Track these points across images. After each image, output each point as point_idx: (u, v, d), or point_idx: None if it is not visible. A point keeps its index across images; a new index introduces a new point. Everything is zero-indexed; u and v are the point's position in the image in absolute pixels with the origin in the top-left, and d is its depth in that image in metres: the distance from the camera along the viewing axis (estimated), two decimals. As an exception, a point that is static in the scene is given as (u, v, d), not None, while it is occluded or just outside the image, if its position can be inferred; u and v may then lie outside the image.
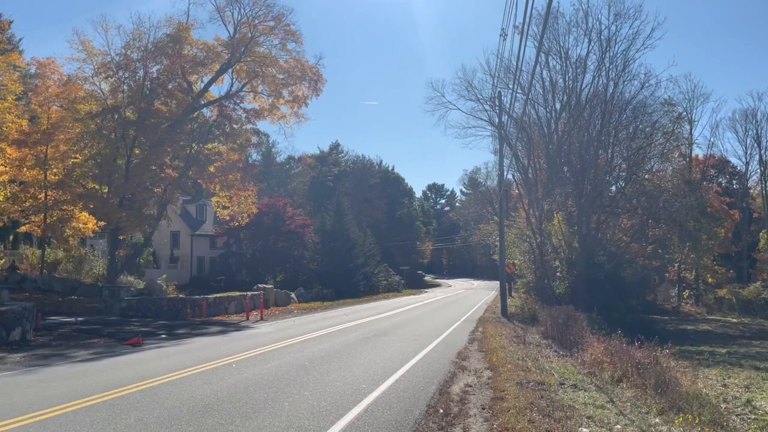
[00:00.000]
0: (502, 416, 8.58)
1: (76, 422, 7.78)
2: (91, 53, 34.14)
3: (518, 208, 47.15)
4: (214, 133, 37.43)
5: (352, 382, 10.85)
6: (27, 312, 18.21)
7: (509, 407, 9.07)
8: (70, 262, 38.79)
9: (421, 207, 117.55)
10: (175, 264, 53.13)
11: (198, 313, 27.63)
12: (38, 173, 34.59)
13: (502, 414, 8.70)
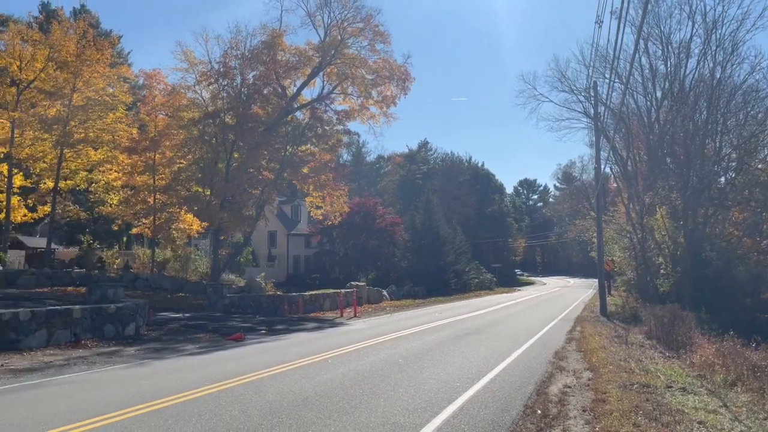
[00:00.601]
0: (604, 419, 8.23)
1: (186, 413, 8.22)
2: (193, 63, 36.06)
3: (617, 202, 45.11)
4: (306, 135, 38.45)
5: (446, 380, 10.80)
6: (140, 308, 19.51)
7: (612, 410, 8.69)
8: (177, 261, 41.18)
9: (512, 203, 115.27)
10: (273, 262, 55.14)
11: (295, 310, 28.51)
12: (147, 178, 36.97)
13: (605, 417, 8.34)
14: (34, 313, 15.66)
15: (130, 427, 7.40)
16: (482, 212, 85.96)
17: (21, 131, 35.28)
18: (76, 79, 35.42)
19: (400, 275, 50.65)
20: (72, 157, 36.92)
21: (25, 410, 8.52)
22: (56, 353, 14.64)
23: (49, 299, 24.06)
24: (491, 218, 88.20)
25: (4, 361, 13.21)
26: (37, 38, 35.68)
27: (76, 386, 10.47)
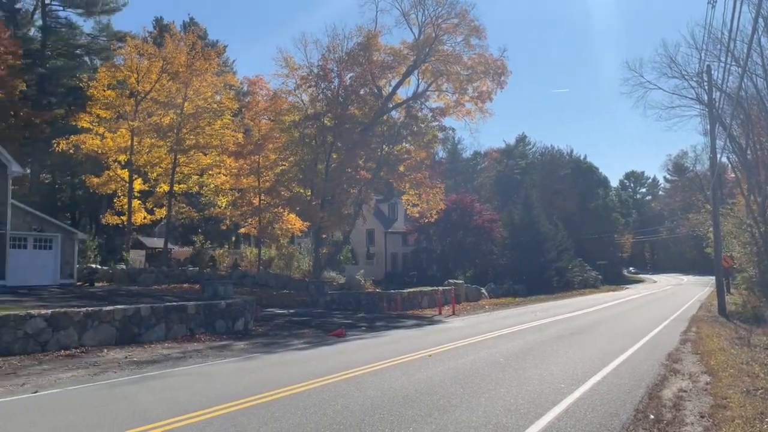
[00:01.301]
0: (725, 426, 7.67)
1: (291, 406, 8.52)
2: (293, 68, 37.31)
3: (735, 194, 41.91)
4: (402, 134, 38.69)
5: (550, 381, 10.49)
6: (248, 305, 20.46)
7: (734, 416, 8.08)
8: (281, 259, 42.82)
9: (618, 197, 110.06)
10: (371, 260, 55.98)
11: (393, 307, 28.78)
12: (253, 181, 38.69)
13: (726, 424, 7.77)
14: (153, 309, 16.83)
15: (240, 419, 7.77)
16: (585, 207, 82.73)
17: (139, 139, 38.05)
18: (187, 89, 37.70)
19: (498, 273, 49.82)
20: (185, 162, 39.35)
21: (150, 399, 9.16)
22: (173, 346, 15.65)
23: (166, 296, 25.77)
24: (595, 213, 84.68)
25: (128, 353, 14.29)
26: (151, 52, 38.30)
27: (192, 378, 11.14)
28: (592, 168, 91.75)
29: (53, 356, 13.38)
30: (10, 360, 12.64)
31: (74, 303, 19.15)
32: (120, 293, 26.20)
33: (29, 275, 28.24)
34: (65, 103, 49.92)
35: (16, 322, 13.46)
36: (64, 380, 10.88)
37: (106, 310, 15.58)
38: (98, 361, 12.99)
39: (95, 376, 11.30)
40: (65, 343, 14.25)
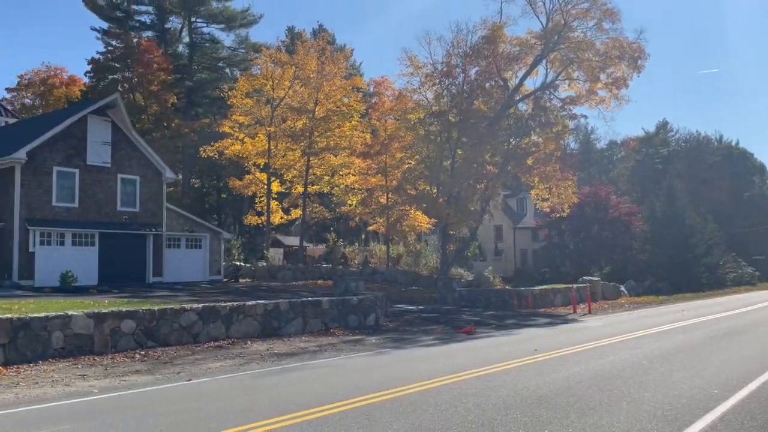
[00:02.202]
0: None
1: (422, 402, 8.56)
2: (417, 66, 37.54)
3: None
4: (529, 126, 37.61)
5: (700, 386, 9.65)
6: (378, 300, 20.91)
7: None
8: (409, 256, 43.34)
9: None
10: (500, 256, 55.02)
11: (524, 305, 28.06)
12: (380, 180, 39.49)
13: None
14: (291, 304, 17.72)
15: (373, 413, 7.93)
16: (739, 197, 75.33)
17: (275, 143, 40.28)
18: (318, 93, 39.29)
19: (638, 269, 46.79)
20: (316, 163, 41.09)
21: (289, 390, 9.64)
22: (310, 340, 16.37)
23: (302, 291, 27.06)
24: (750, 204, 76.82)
25: (269, 345, 15.15)
26: (284, 60, 40.39)
27: (328, 371, 11.58)
28: (746, 154, 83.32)
29: (204, 347, 14.50)
30: (167, 350, 13.88)
31: (221, 298, 20.68)
32: (261, 289, 27.91)
33: (182, 272, 30.90)
34: (210, 112, 54.10)
35: (172, 316, 14.76)
36: (213, 370, 11.75)
37: (249, 305, 16.64)
38: (243, 353, 13.90)
39: (241, 367, 12.09)
40: (214, 335, 15.40)
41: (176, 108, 50.82)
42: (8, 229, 25.34)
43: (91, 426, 7.38)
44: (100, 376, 10.99)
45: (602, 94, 36.42)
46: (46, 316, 12.49)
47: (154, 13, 56.50)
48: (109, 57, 50.41)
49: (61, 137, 26.84)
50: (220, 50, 58.51)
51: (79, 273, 25.57)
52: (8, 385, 9.99)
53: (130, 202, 29.19)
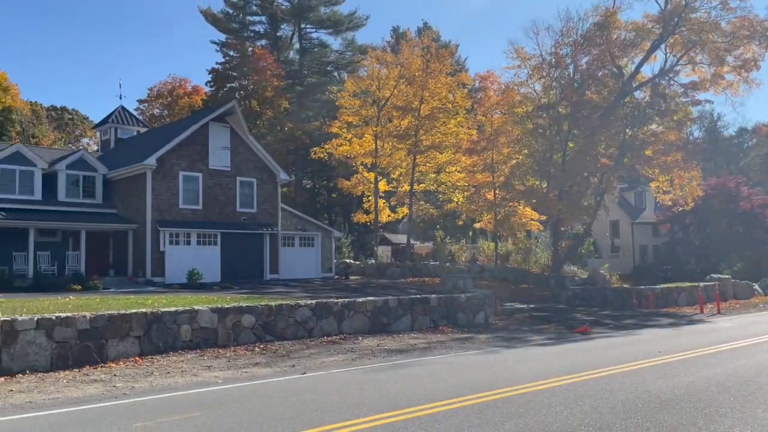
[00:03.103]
0: None
1: (535, 402, 8.34)
2: (524, 58, 36.62)
3: None
4: (647, 115, 35.55)
5: None
6: (487, 298, 20.63)
7: None
8: (518, 253, 42.40)
9: None
10: (617, 253, 52.42)
11: (644, 304, 26.58)
12: (487, 176, 38.92)
13: None
14: (400, 301, 17.92)
15: (484, 411, 7.84)
16: None
17: (382, 143, 40.85)
18: (423, 91, 39.36)
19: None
20: (422, 161, 41.20)
21: (398, 386, 9.76)
22: (418, 337, 16.46)
23: (410, 289, 27.28)
24: None
25: (379, 341, 15.41)
26: (390, 60, 40.87)
27: (437, 368, 11.59)
28: None
29: (318, 342, 15.02)
30: (284, 344, 14.51)
31: (333, 294, 21.31)
32: (370, 286, 28.45)
33: (296, 269, 32.17)
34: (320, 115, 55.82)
35: (288, 311, 15.41)
36: (327, 364, 12.14)
37: (359, 302, 17.02)
38: (354, 348, 14.24)
39: (353, 362, 12.40)
40: (327, 330, 15.90)
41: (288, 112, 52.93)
42: (142, 230, 27.60)
43: (217, 414, 7.87)
44: (224, 367, 11.69)
45: (729, 78, 33.76)
46: (176, 311, 13.47)
47: (267, 23, 59.22)
48: (227, 66, 53.45)
49: (185, 144, 28.83)
50: (329, 54, 60.24)
51: (204, 270, 27.36)
52: (143, 374, 10.89)
53: (248, 204, 30.80)
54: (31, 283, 23.70)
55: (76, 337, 11.60)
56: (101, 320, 12.03)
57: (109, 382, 10.17)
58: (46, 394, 9.25)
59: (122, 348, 12.26)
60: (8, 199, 26.08)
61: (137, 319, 12.63)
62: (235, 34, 57.74)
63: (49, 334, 11.25)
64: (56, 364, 11.22)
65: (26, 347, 10.95)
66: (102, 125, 37.70)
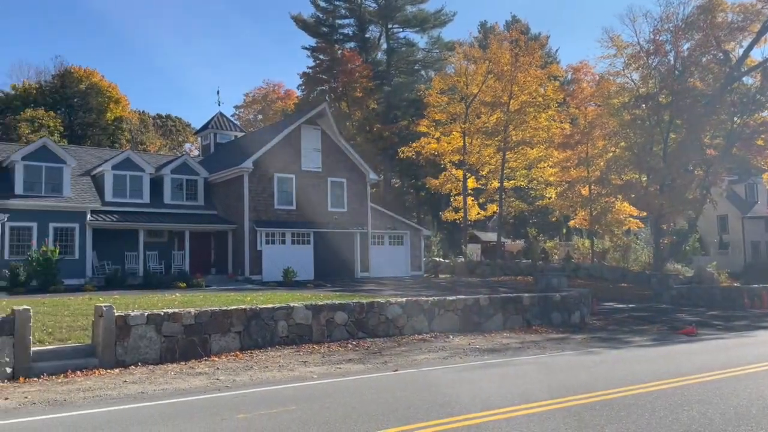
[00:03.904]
0: None
1: (636, 406, 7.95)
2: (620, 47, 35.04)
3: None
4: (759, 102, 33.05)
5: None
6: (583, 297, 19.93)
7: None
8: (616, 251, 40.64)
9: None
10: (725, 250, 49.04)
11: (757, 304, 24.81)
12: (581, 171, 37.60)
13: None
14: (491, 300, 17.66)
15: (582, 414, 7.57)
16: None
17: (470, 140, 40.45)
18: (512, 86, 38.58)
19: None
20: (512, 158, 40.40)
21: (491, 385, 9.62)
22: (511, 336, 16.15)
23: (501, 287, 26.82)
24: None
25: (470, 340, 15.26)
26: (477, 55, 40.40)
27: (531, 368, 11.33)
28: None
29: (408, 339, 15.08)
30: (376, 341, 14.68)
31: (423, 293, 21.33)
32: (460, 284, 28.24)
33: (386, 268, 32.47)
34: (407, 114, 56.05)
35: (379, 309, 15.58)
36: (418, 362, 12.17)
37: (450, 300, 16.92)
38: (445, 346, 14.18)
39: (444, 360, 12.36)
40: (418, 329, 15.93)
41: (376, 113, 53.54)
42: (240, 230, 28.84)
43: (312, 408, 8.09)
44: (318, 363, 12.00)
45: None
46: (273, 307, 13.97)
47: (355, 25, 60.15)
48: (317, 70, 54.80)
49: (279, 147, 29.83)
50: (415, 53, 60.33)
51: (298, 269, 28.20)
52: (244, 368, 11.37)
53: (338, 203, 31.45)
54: (141, 281, 25.39)
55: (182, 331, 12.29)
56: (204, 316, 12.68)
57: (213, 375, 10.70)
58: (157, 385, 9.87)
59: (224, 342, 12.86)
60: (120, 202, 28.06)
61: (237, 315, 13.20)
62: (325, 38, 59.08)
63: (158, 329, 11.99)
64: (164, 357, 11.94)
65: (138, 341, 11.72)
66: (202, 131, 39.74)
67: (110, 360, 11.26)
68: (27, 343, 10.49)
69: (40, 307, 14.22)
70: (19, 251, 24.17)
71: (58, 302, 16.07)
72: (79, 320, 13.24)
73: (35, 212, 25.06)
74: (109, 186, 28.03)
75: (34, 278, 22.11)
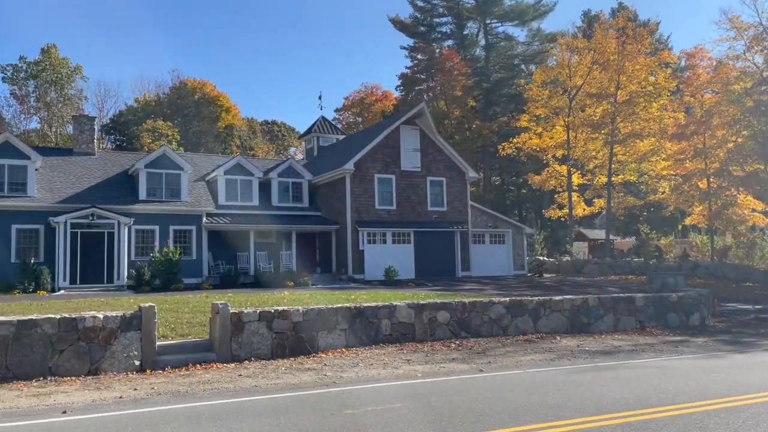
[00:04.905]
0: None
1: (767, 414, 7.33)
2: (741, 28, 32.48)
3: None
4: None
5: None
6: (703, 298, 18.66)
7: None
8: (739, 248, 37.73)
9: None
10: None
11: None
12: (698, 163, 35.24)
13: None
14: (600, 300, 16.93)
15: (706, 422, 7.08)
16: None
17: (574, 134, 38.99)
18: (619, 76, 36.77)
19: None
20: (620, 151, 38.49)
21: (603, 389, 9.22)
22: (623, 338, 15.40)
23: (610, 287, 25.63)
24: None
25: (579, 342, 14.71)
26: (581, 46, 38.84)
27: (647, 372, 10.74)
28: None
29: (513, 340, 14.77)
30: (479, 341, 14.50)
31: (526, 292, 20.82)
32: (566, 284, 27.29)
33: (488, 267, 32.00)
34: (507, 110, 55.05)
35: (482, 308, 15.38)
36: (524, 363, 11.89)
37: (556, 300, 16.40)
38: (552, 348, 13.76)
39: (551, 362, 11.99)
40: (522, 329, 15.57)
41: (475, 110, 52.96)
42: (343, 230, 29.51)
43: (418, 406, 8.12)
44: (422, 361, 12.03)
45: None
46: (376, 306, 14.18)
47: (452, 23, 59.87)
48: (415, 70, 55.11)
49: (379, 148, 30.23)
50: (515, 47, 59.09)
51: (399, 268, 28.44)
52: (350, 365, 11.62)
53: (438, 202, 31.38)
54: (252, 280, 26.63)
55: (291, 328, 12.76)
56: (312, 314, 13.09)
57: (320, 371, 11.02)
58: (269, 380, 10.30)
59: (330, 340, 13.21)
60: (232, 205, 29.57)
61: (343, 313, 13.52)
62: (422, 38, 59.26)
63: (269, 326, 12.52)
64: (275, 352, 12.44)
65: (251, 337, 12.30)
66: (306, 135, 41.06)
67: (226, 354, 11.89)
68: (153, 338, 11.32)
69: (163, 304, 15.26)
70: (144, 252, 26.12)
71: (178, 300, 17.20)
72: (197, 317, 14.10)
73: (157, 216, 26.94)
74: (221, 190, 29.62)
75: (157, 277, 23.81)
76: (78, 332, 10.82)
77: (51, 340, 10.61)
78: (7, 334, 10.35)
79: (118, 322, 11.14)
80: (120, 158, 31.26)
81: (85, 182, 27.47)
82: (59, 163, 28.31)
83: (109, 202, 26.00)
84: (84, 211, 24.45)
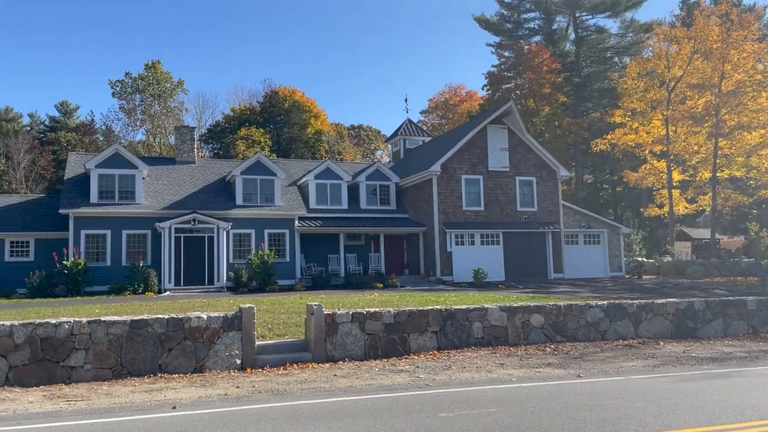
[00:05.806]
0: None
1: None
2: None
3: None
4: None
5: None
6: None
7: None
8: None
9: None
10: None
11: None
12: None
13: None
14: (707, 303, 15.91)
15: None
16: None
17: (674, 128, 36.94)
18: (723, 65, 34.52)
19: None
20: (726, 145, 36.08)
21: (715, 399, 8.65)
22: (733, 344, 14.40)
23: (716, 289, 24.05)
24: None
25: (685, 347, 13.89)
26: (680, 35, 36.75)
27: (764, 380, 9.99)
28: None
29: (612, 345, 14.15)
30: (576, 345, 14.01)
31: (625, 295, 19.93)
32: (667, 286, 25.88)
33: (581, 268, 30.94)
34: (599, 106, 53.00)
35: (578, 312, 14.85)
36: (625, 369, 11.37)
37: (658, 303, 15.57)
38: (655, 354, 13.08)
39: (655, 368, 11.40)
40: (622, 333, 14.89)
41: (565, 106, 51.34)
42: (430, 232, 29.48)
43: (514, 411, 7.95)
44: (516, 365, 11.78)
45: None
46: (467, 308, 14.03)
47: (540, 18, 58.37)
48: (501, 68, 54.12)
49: (465, 148, 29.97)
50: (606, 40, 56.77)
51: (488, 269, 28.06)
52: (442, 368, 11.56)
53: (527, 202, 30.69)
54: (342, 282, 27.15)
55: (383, 330, 12.87)
56: (403, 315, 13.14)
57: (413, 373, 11.04)
58: (363, 381, 10.44)
59: (422, 342, 13.21)
60: (322, 209, 30.30)
61: (433, 315, 13.48)
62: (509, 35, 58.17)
63: (361, 327, 12.69)
64: (368, 353, 12.59)
65: (344, 338, 12.52)
66: (392, 138, 41.37)
67: (321, 355, 12.17)
68: (252, 338, 11.77)
69: (260, 305, 15.84)
70: (240, 255, 27.29)
71: (274, 301, 17.80)
72: (292, 317, 14.53)
73: (252, 220, 28.06)
74: (312, 194, 30.43)
75: (253, 279, 24.80)
76: (184, 331, 11.43)
77: (160, 339, 11.27)
78: (122, 333, 11.10)
79: (221, 322, 11.66)
80: (218, 166, 32.80)
81: (186, 189, 29.06)
82: (163, 171, 30.09)
83: (208, 208, 27.38)
84: (186, 216, 25.88)
